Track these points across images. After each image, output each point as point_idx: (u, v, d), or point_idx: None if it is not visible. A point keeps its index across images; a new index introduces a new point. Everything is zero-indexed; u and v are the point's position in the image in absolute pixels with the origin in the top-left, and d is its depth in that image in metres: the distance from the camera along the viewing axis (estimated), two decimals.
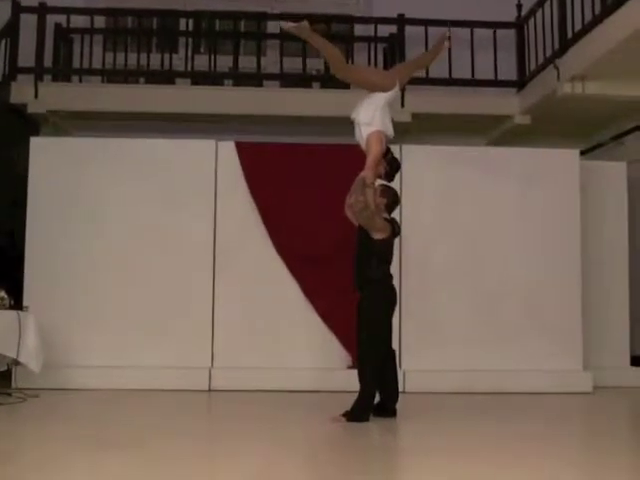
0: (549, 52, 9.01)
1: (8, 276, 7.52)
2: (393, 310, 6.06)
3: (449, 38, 6.37)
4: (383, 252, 5.97)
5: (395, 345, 6.30)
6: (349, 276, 6.17)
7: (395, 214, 6.27)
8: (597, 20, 7.79)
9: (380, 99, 5.96)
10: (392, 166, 6.13)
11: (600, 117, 9.36)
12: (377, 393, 5.94)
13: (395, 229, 6.05)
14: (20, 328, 6.70)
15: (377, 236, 5.91)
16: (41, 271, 7.61)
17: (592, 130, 9.79)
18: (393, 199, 6.12)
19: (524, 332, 7.80)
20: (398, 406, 6.05)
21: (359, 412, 5.82)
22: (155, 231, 7.74)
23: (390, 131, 6.01)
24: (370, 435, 5.61)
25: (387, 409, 6.01)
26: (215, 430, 5.86)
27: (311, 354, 7.68)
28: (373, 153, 5.87)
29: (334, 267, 7.26)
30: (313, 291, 7.69)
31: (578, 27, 8.29)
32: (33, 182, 7.75)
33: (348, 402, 5.89)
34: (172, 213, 7.77)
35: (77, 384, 7.32)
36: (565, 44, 8.54)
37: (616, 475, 4.45)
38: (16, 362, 6.82)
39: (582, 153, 8.63)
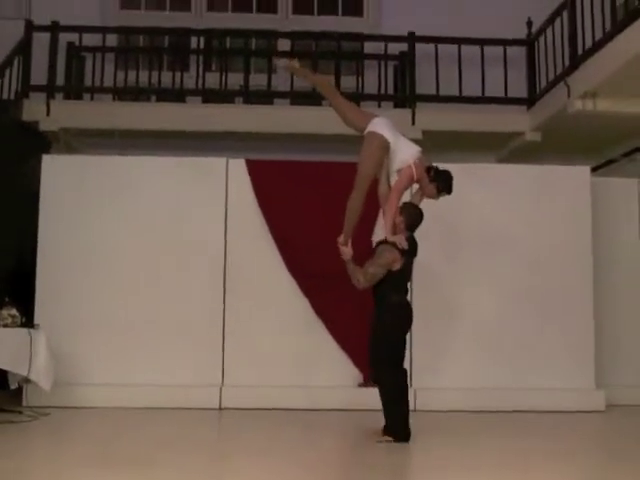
0: (559, 69, 9.01)
1: (19, 294, 7.53)
2: (408, 330, 5.99)
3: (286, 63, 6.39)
4: (399, 279, 5.89)
5: (406, 363, 6.26)
6: (360, 294, 6.15)
7: None
8: (608, 37, 7.79)
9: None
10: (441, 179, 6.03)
11: (611, 134, 9.33)
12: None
13: (405, 252, 5.86)
14: (31, 346, 6.70)
15: (394, 268, 5.85)
16: (52, 289, 7.62)
17: (603, 147, 9.77)
18: (413, 219, 5.95)
19: (536, 349, 7.76)
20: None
21: (402, 430, 5.74)
22: (166, 248, 7.74)
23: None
24: (380, 453, 5.57)
25: None
26: (225, 448, 5.84)
27: (322, 372, 7.65)
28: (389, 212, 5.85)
29: (345, 285, 7.20)
30: (324, 309, 7.67)
31: (589, 44, 8.29)
32: (44, 199, 7.78)
33: (361, 420, 5.87)
34: (183, 230, 7.78)
35: (88, 402, 7.31)
36: (576, 61, 8.54)
37: None
38: (27, 380, 6.83)
39: (593, 170, 8.61)
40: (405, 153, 5.88)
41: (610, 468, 5.30)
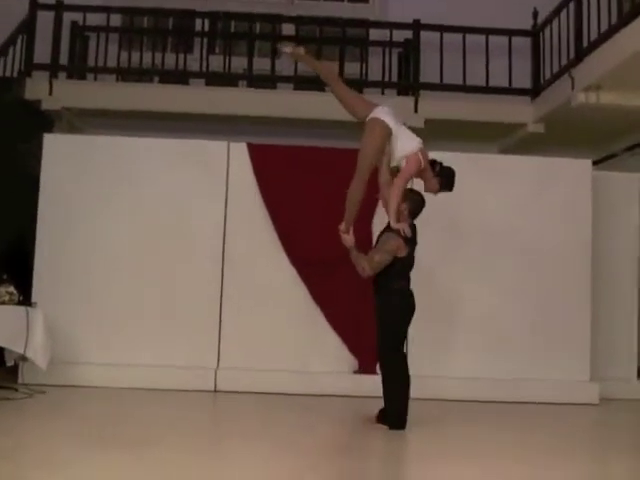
0: (564, 61, 8.99)
1: (17, 272, 7.54)
2: (411, 318, 5.96)
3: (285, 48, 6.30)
4: (403, 266, 5.88)
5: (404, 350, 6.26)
6: (358, 282, 6.15)
7: None
8: (613, 30, 7.77)
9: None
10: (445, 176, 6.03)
11: (614, 127, 9.32)
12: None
13: (409, 240, 5.85)
14: (28, 324, 6.72)
15: (400, 255, 5.83)
16: (50, 267, 7.63)
17: (605, 140, 9.76)
18: (416, 205, 5.96)
19: (531, 341, 7.77)
20: None
21: (399, 418, 5.75)
22: (165, 230, 7.74)
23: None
24: (375, 440, 5.60)
25: None
26: (220, 431, 5.87)
27: (317, 358, 7.66)
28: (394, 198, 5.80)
29: (343, 272, 7.21)
30: (321, 295, 7.68)
31: (594, 37, 8.26)
32: (45, 178, 7.77)
33: (355, 406, 5.89)
34: (183, 213, 7.78)
35: (83, 381, 7.33)
36: (580, 53, 8.52)
37: None
38: (23, 358, 6.85)
39: (595, 163, 8.60)
40: (407, 143, 5.85)
41: (602, 461, 5.33)
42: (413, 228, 5.96)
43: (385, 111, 5.85)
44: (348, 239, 5.90)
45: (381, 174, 5.98)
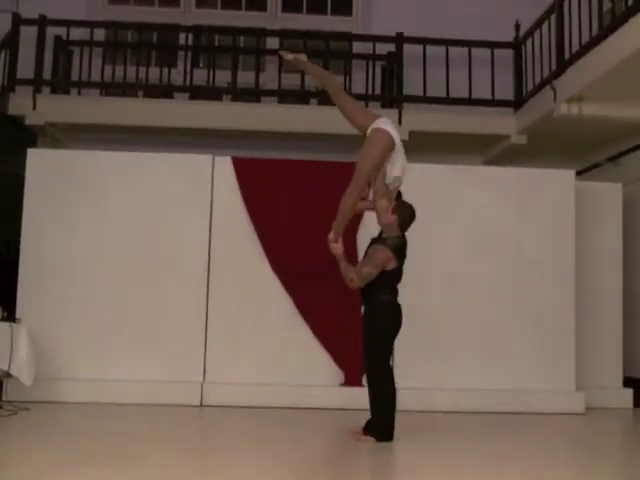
0: (546, 73, 9.05)
1: (1, 287, 7.50)
2: (398, 331, 5.89)
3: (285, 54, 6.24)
4: (391, 279, 5.84)
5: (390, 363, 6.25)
6: (344, 294, 6.16)
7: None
8: (594, 42, 7.83)
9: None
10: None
11: (596, 138, 9.39)
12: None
13: (398, 252, 5.81)
14: (12, 340, 6.69)
15: (388, 268, 5.80)
16: (34, 283, 7.60)
17: (588, 151, 9.83)
18: (406, 218, 5.86)
19: (516, 351, 7.80)
20: None
21: (386, 430, 5.73)
22: (150, 244, 7.73)
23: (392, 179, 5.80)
24: (362, 452, 5.59)
25: None
26: (207, 445, 5.84)
27: (304, 371, 7.65)
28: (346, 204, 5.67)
29: (328, 284, 7.23)
30: (307, 308, 7.68)
31: (576, 49, 8.33)
32: (29, 193, 7.74)
33: (342, 419, 5.88)
34: (167, 227, 7.77)
35: (69, 397, 7.30)
36: (562, 65, 8.58)
37: None
38: (7, 374, 6.80)
39: (578, 174, 8.66)
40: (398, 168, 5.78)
41: (588, 470, 5.33)
42: (404, 241, 5.91)
43: (390, 123, 5.77)
44: (337, 248, 5.79)
45: (375, 185, 5.88)
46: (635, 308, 8.75)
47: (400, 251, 5.85)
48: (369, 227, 6.19)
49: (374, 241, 5.94)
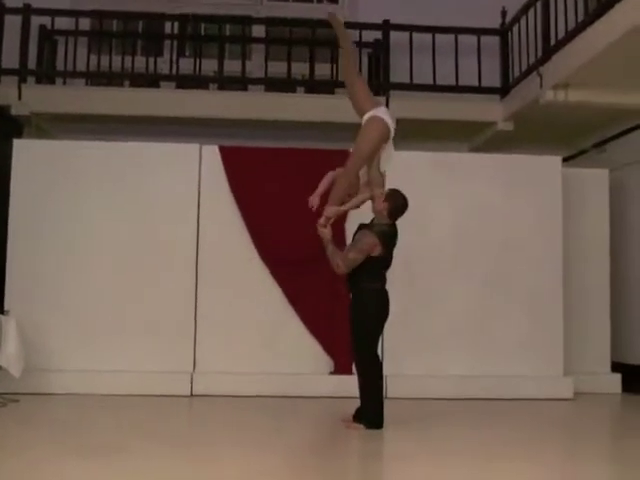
0: (532, 59, 9.06)
1: None
2: (386, 318, 5.93)
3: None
4: (378, 265, 5.86)
5: (377, 350, 6.29)
6: (332, 282, 6.18)
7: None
8: (580, 28, 7.83)
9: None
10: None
11: (583, 124, 9.40)
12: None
13: (385, 239, 5.83)
14: (1, 332, 6.67)
15: (374, 254, 5.81)
16: (23, 274, 7.58)
17: (575, 137, 9.85)
18: (397, 205, 5.88)
19: (505, 337, 7.84)
20: None
21: (375, 417, 5.76)
22: (137, 235, 7.72)
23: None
24: (353, 440, 5.62)
25: None
26: (197, 435, 5.85)
27: (293, 359, 7.67)
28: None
29: (317, 272, 7.25)
30: (296, 296, 7.69)
31: (561, 35, 8.33)
32: (15, 184, 7.71)
33: (332, 407, 5.90)
34: (155, 216, 7.76)
35: (58, 388, 7.29)
36: (548, 52, 8.58)
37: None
38: None
39: (564, 160, 8.68)
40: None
41: (576, 455, 5.38)
42: (393, 229, 5.94)
43: (387, 113, 5.84)
44: (326, 232, 5.82)
45: (363, 174, 5.92)
46: (623, 293, 8.80)
47: (387, 238, 5.86)
48: (360, 214, 6.19)
49: (362, 227, 5.96)
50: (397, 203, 5.90)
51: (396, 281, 5.99)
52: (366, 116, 5.81)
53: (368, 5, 10.61)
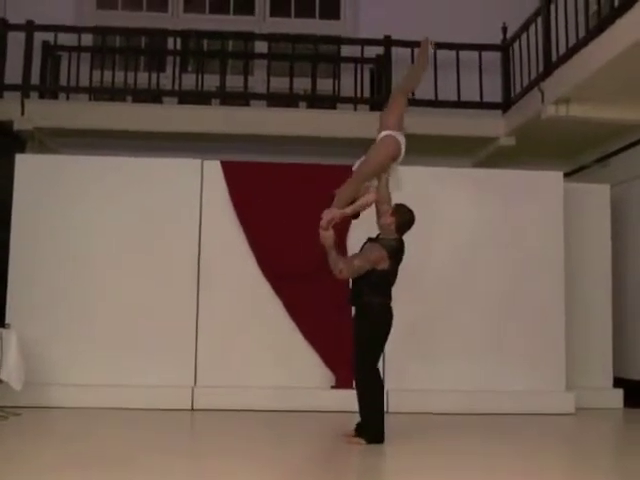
0: (534, 75, 9.09)
1: None
2: (388, 334, 5.90)
3: (432, 43, 6.41)
4: (383, 280, 5.83)
5: (378, 364, 6.27)
6: (333, 295, 6.16)
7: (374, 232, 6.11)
8: (581, 44, 7.87)
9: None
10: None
11: (584, 139, 9.42)
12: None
13: (393, 254, 5.83)
14: (2, 346, 6.67)
15: (380, 267, 5.81)
16: (24, 289, 7.58)
17: (576, 152, 9.86)
18: (404, 219, 5.91)
19: (507, 352, 7.81)
20: None
21: (377, 432, 5.75)
22: (140, 249, 7.72)
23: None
24: (353, 455, 5.60)
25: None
26: (199, 449, 5.84)
27: (295, 374, 7.66)
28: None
29: (318, 286, 7.26)
30: (297, 310, 7.68)
31: (562, 51, 8.37)
32: (18, 199, 7.73)
33: (334, 422, 5.87)
34: (157, 231, 7.76)
35: (59, 402, 7.27)
36: (549, 67, 8.62)
37: None
38: None
39: (566, 175, 8.69)
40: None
41: (578, 470, 5.35)
42: (400, 244, 5.94)
43: (402, 136, 5.94)
44: (328, 236, 5.77)
45: (377, 190, 5.96)
46: (625, 309, 8.79)
47: (395, 253, 5.87)
48: (361, 228, 6.21)
49: (370, 240, 5.96)
50: (405, 218, 5.94)
51: (400, 296, 5.98)
52: (383, 133, 5.93)
53: (370, 21, 10.66)
